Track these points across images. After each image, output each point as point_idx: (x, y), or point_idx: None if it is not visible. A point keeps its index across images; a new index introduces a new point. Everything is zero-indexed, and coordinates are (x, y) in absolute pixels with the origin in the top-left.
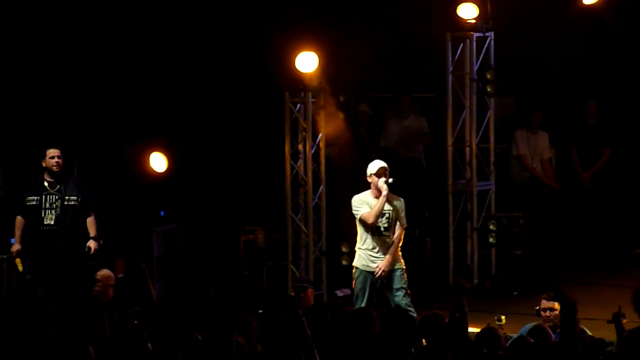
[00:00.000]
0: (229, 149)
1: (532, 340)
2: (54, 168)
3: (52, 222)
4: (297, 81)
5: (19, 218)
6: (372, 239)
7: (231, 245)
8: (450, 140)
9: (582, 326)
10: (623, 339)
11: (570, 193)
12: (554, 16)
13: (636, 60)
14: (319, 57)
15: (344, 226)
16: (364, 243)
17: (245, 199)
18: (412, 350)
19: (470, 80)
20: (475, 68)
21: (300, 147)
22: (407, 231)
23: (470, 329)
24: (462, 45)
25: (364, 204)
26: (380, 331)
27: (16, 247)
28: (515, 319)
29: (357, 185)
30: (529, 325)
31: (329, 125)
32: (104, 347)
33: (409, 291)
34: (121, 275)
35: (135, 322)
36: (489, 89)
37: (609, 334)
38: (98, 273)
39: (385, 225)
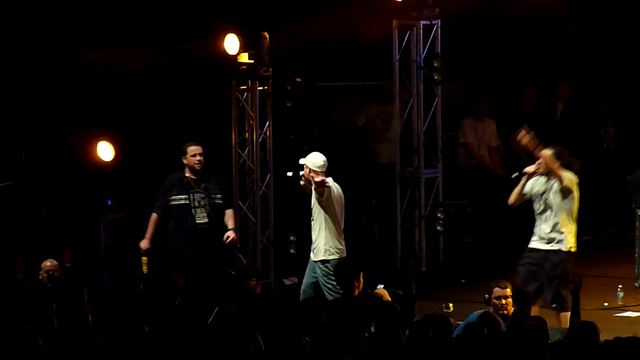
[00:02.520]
0: (176, 137)
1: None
2: (197, 166)
3: (205, 220)
4: (243, 69)
5: (154, 215)
6: None
7: None
8: (397, 129)
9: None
10: (574, 327)
11: (517, 181)
12: (502, 3)
13: (585, 49)
14: (266, 43)
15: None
16: None
17: None
18: (365, 335)
19: (417, 68)
20: (422, 56)
21: (247, 135)
22: (355, 218)
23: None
24: (408, 33)
25: None
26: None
27: (145, 243)
28: (462, 307)
29: None
30: (477, 313)
31: None
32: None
33: None
34: (69, 264)
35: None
36: (436, 77)
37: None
38: (43, 263)
39: None
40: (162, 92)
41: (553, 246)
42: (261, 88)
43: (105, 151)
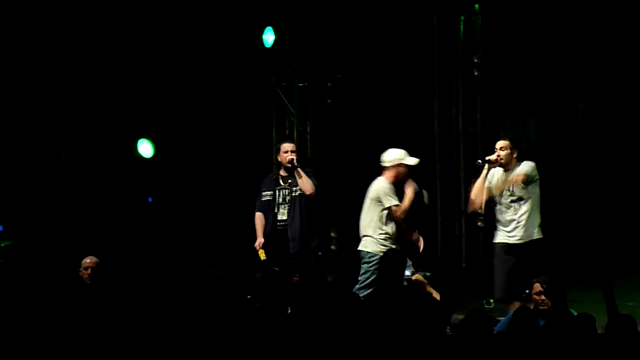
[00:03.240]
0: (217, 135)
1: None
2: (288, 164)
3: (285, 217)
4: (284, 65)
5: (257, 214)
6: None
7: (219, 230)
8: (437, 124)
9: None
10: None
11: (552, 176)
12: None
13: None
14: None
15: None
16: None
17: (235, 184)
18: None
19: (458, 63)
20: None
21: (287, 131)
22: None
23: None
24: (449, 28)
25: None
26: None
27: (259, 240)
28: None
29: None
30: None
31: None
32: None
33: None
34: None
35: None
36: (476, 73)
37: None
38: (83, 260)
39: None
40: (205, 91)
41: (517, 235)
42: (301, 84)
43: (145, 148)
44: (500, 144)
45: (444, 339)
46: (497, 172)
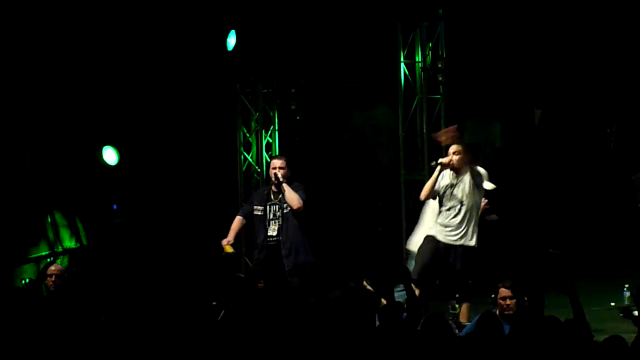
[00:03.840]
0: (181, 141)
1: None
2: (274, 179)
3: (275, 234)
4: (248, 72)
5: (238, 217)
6: None
7: (185, 238)
8: (401, 130)
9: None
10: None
11: (522, 182)
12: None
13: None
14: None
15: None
16: None
17: (199, 190)
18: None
19: (421, 69)
20: (426, 57)
21: (251, 138)
22: (361, 220)
23: None
24: (412, 34)
25: None
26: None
27: (229, 238)
28: (470, 308)
29: None
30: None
31: None
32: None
33: None
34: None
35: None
36: (440, 78)
37: None
38: (49, 268)
39: None
40: (167, 96)
41: (458, 240)
42: (266, 91)
43: (110, 156)
44: (453, 148)
45: (410, 347)
46: (447, 175)
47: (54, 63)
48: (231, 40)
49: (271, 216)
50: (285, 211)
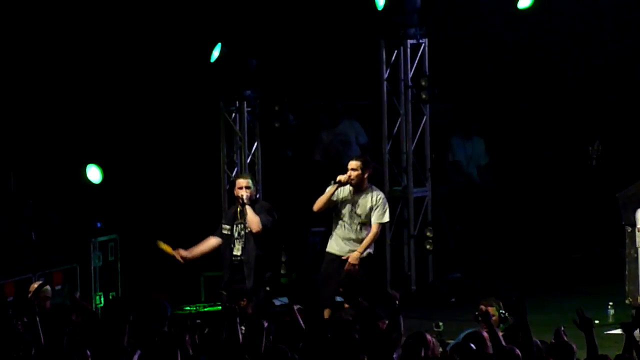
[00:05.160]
0: (165, 159)
1: (474, 347)
2: (239, 199)
3: (239, 253)
4: (231, 89)
5: (211, 237)
6: None
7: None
8: (386, 148)
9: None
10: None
11: (507, 198)
12: (489, 22)
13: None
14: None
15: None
16: None
17: (183, 209)
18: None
19: (405, 87)
20: (410, 75)
21: (235, 156)
22: None
23: None
24: (396, 52)
25: None
26: None
27: (182, 252)
28: (453, 325)
29: None
30: (468, 331)
31: None
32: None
33: None
34: (59, 287)
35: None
36: (423, 96)
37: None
38: (32, 286)
39: None
40: (151, 113)
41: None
42: (249, 109)
43: (94, 174)
44: (352, 164)
45: None
46: (345, 190)
47: (36, 81)
48: (215, 53)
49: (236, 235)
50: (247, 231)
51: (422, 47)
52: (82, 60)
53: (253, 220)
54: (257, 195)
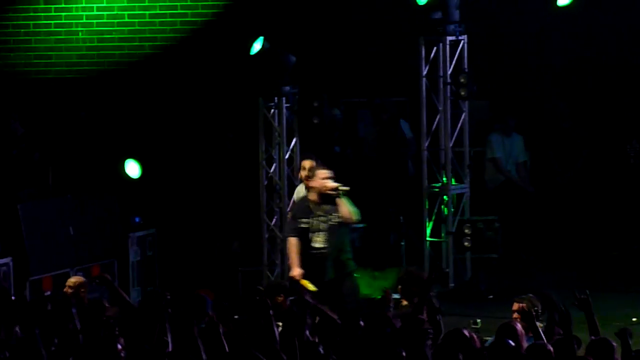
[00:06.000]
0: (204, 154)
1: (512, 343)
2: (332, 191)
3: (322, 245)
4: (270, 85)
5: (290, 239)
6: None
7: (207, 251)
8: (424, 144)
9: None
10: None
11: (545, 196)
12: (528, 19)
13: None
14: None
15: None
16: None
17: (221, 204)
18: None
19: (444, 84)
20: (449, 72)
21: (273, 152)
22: (382, 235)
23: None
24: (435, 48)
25: None
26: None
27: (297, 271)
28: (490, 323)
29: None
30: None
31: None
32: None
33: None
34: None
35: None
36: (462, 93)
37: None
38: (69, 280)
39: None
40: (190, 108)
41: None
42: (288, 105)
43: (132, 169)
44: (305, 163)
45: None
46: (301, 190)
47: (75, 77)
48: (257, 46)
49: (318, 227)
50: (334, 222)
51: (461, 44)
52: (121, 55)
53: (350, 211)
54: None
